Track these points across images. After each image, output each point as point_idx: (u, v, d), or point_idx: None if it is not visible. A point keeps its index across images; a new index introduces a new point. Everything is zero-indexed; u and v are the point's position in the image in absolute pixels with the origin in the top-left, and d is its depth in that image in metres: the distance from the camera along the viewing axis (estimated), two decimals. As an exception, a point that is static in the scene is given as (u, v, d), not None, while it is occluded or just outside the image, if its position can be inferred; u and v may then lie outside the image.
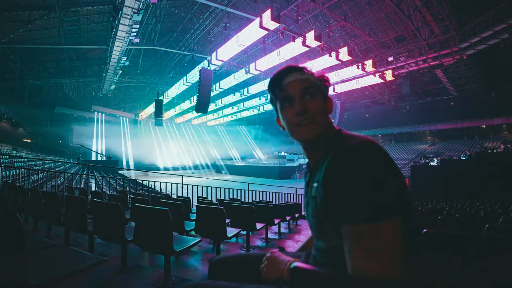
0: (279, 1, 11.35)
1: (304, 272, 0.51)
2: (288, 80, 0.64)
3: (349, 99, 23.58)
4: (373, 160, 0.49)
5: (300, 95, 0.62)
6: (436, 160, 15.81)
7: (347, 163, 0.50)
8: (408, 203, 0.50)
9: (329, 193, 0.51)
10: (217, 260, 0.85)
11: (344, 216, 0.49)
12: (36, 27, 12.78)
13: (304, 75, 0.64)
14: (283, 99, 0.65)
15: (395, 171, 0.50)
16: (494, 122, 19.88)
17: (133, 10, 9.44)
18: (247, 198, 6.62)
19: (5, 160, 8.66)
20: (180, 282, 1.72)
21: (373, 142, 0.53)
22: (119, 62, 14.32)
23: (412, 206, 0.52)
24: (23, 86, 19.72)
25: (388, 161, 0.50)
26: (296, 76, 0.64)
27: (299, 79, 0.64)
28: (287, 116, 0.64)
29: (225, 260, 0.84)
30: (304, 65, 0.68)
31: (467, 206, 6.20)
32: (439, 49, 13.74)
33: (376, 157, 0.50)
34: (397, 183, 0.48)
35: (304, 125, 0.61)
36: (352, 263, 0.47)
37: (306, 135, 0.62)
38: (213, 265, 0.84)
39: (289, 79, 0.64)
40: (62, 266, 1.24)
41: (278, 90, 0.65)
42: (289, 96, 0.63)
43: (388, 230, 0.45)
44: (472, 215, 3.99)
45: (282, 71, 0.66)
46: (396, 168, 0.50)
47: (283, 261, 0.58)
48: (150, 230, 1.77)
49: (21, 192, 3.11)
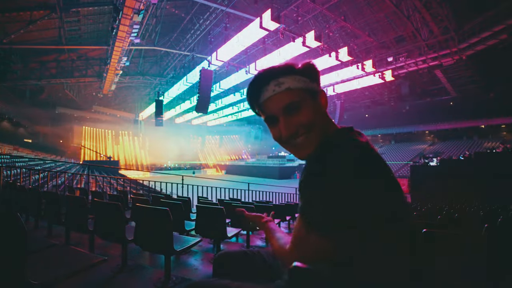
0: (279, 2, 11.34)
1: (303, 272, 0.51)
2: (265, 96, 0.56)
3: (349, 99, 23.58)
4: (329, 181, 0.48)
5: (283, 114, 0.55)
6: (435, 160, 15.82)
7: (306, 175, 0.53)
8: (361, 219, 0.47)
9: (299, 188, 0.55)
10: (222, 254, 0.87)
11: (299, 208, 0.55)
12: (37, 27, 12.78)
13: (282, 85, 0.54)
14: (266, 119, 0.58)
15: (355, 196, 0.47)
16: (493, 122, 19.86)
17: (134, 10, 9.46)
18: (247, 198, 6.63)
19: (6, 160, 8.67)
20: (181, 281, 1.72)
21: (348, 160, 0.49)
22: (119, 62, 14.33)
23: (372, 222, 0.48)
24: (24, 86, 19.73)
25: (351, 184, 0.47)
26: (273, 88, 0.55)
27: (278, 92, 0.54)
28: (275, 136, 0.58)
29: (231, 255, 0.86)
30: (283, 64, 0.57)
31: (467, 206, 6.21)
32: (439, 50, 13.75)
33: (333, 180, 0.48)
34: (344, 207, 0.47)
35: (299, 144, 0.56)
36: (292, 234, 0.59)
37: (304, 154, 0.57)
38: (218, 259, 0.85)
39: (266, 94, 0.55)
40: (62, 265, 1.25)
41: (257, 108, 0.59)
42: (271, 115, 0.57)
43: (313, 241, 0.51)
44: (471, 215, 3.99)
45: (256, 83, 0.57)
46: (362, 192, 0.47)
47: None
48: (150, 230, 1.78)
49: (22, 192, 3.11)
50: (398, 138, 26.67)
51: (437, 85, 20.82)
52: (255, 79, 0.58)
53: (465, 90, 20.41)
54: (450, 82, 19.37)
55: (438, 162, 14.32)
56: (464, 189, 10.14)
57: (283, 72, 0.55)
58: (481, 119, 20.23)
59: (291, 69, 0.56)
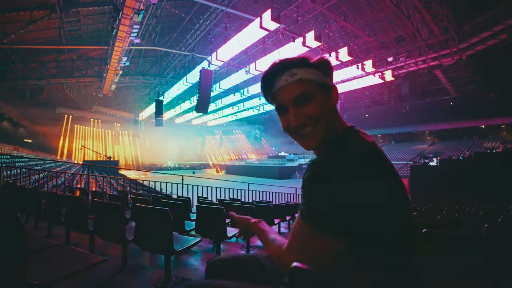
0: (279, 2, 11.34)
1: (303, 272, 0.52)
2: (278, 85, 0.57)
3: (349, 99, 23.58)
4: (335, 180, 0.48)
5: (293, 104, 0.57)
6: (435, 160, 15.81)
7: (311, 173, 0.51)
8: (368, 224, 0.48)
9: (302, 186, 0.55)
10: (215, 261, 0.84)
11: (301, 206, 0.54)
12: (37, 27, 12.78)
13: (295, 75, 0.56)
14: (277, 108, 0.60)
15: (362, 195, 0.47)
16: (493, 122, 19.86)
17: (134, 10, 9.46)
18: (247, 198, 6.63)
19: (6, 160, 8.67)
20: (181, 281, 1.72)
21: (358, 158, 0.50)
22: (119, 62, 14.34)
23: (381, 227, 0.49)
24: (24, 86, 19.75)
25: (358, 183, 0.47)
26: (286, 79, 0.56)
27: (290, 82, 0.56)
28: (284, 125, 0.60)
29: (223, 262, 0.83)
30: (297, 57, 0.59)
31: (466, 206, 6.21)
32: (439, 50, 13.75)
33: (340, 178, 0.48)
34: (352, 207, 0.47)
35: (305, 135, 0.58)
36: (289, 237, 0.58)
37: (310, 145, 0.58)
38: (210, 267, 0.83)
39: (279, 83, 0.57)
40: (62, 265, 1.25)
41: (270, 97, 0.61)
42: (282, 105, 0.59)
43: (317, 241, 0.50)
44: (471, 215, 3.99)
45: (271, 73, 0.59)
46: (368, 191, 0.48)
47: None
48: (150, 230, 1.78)
49: (22, 192, 3.11)
50: (398, 138, 26.67)
51: (437, 85, 20.82)
52: (270, 69, 0.60)
53: (465, 90, 20.41)
54: (450, 82, 19.37)
55: (438, 162, 14.32)
56: (464, 189, 10.14)
57: (297, 63, 0.57)
58: (481, 119, 20.23)
59: (305, 62, 0.57)
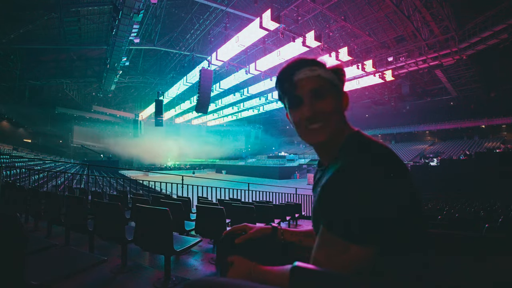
0: (279, 1, 11.33)
1: (305, 271, 0.51)
2: (298, 77, 0.59)
3: (349, 99, 23.52)
4: (373, 184, 0.47)
5: (309, 96, 0.58)
6: (436, 160, 15.81)
7: (348, 179, 0.49)
8: (405, 227, 0.49)
9: (325, 197, 0.52)
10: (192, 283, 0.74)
11: (326, 219, 0.50)
12: (37, 27, 12.78)
13: (314, 71, 0.59)
14: (292, 98, 0.60)
15: (399, 197, 0.48)
16: (494, 122, 19.87)
17: (133, 10, 9.46)
18: (247, 198, 6.62)
19: (5, 160, 8.67)
20: (181, 282, 1.72)
21: (385, 160, 0.50)
22: (119, 62, 14.33)
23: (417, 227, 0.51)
24: (24, 86, 19.73)
25: (394, 185, 0.48)
26: (305, 72, 0.59)
27: (309, 76, 0.58)
28: (295, 118, 0.60)
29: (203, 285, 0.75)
30: (316, 58, 0.62)
31: (467, 206, 6.20)
32: (439, 49, 13.73)
33: (377, 182, 0.47)
34: (393, 210, 0.47)
35: (314, 130, 0.58)
36: (314, 255, 0.51)
37: (315, 139, 0.59)
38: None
39: (298, 75, 0.59)
40: (62, 266, 1.25)
41: (288, 85, 0.60)
42: (297, 96, 0.59)
43: (354, 253, 0.47)
44: (472, 215, 3.99)
45: (292, 66, 0.60)
46: (402, 192, 0.48)
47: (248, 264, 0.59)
48: (150, 230, 1.78)
49: (21, 192, 3.11)
50: (398, 138, 26.67)
51: (438, 85, 20.81)
52: (291, 62, 0.61)
53: (466, 90, 20.40)
54: (450, 82, 19.35)
55: (439, 162, 14.32)
56: (464, 189, 10.14)
57: (316, 63, 0.60)
58: (482, 119, 20.24)
59: (322, 64, 0.61)
